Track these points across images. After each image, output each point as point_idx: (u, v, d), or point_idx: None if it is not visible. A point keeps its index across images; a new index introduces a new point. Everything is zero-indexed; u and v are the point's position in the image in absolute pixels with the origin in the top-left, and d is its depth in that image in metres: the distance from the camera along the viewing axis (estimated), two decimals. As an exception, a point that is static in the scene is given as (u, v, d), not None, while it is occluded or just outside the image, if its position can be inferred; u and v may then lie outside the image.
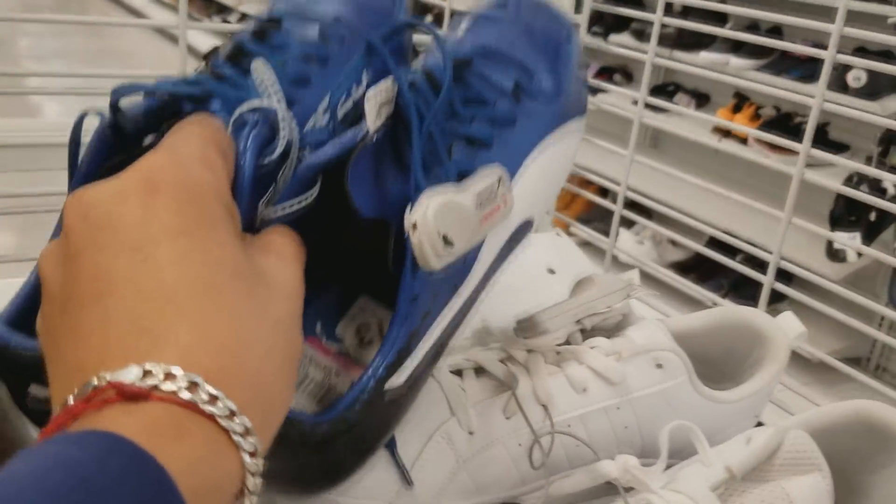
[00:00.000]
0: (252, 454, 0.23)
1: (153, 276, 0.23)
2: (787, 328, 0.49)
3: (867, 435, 0.40)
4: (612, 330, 0.46)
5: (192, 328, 0.23)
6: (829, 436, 0.40)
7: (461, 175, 0.35)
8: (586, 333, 0.46)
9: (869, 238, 1.65)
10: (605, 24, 2.02)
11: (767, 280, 0.71)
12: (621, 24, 2.03)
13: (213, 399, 0.22)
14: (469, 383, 0.43)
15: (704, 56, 1.91)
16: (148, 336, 0.23)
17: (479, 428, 0.41)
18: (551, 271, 0.59)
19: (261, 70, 0.32)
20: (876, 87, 1.66)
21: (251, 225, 0.30)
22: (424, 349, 0.34)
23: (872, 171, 1.29)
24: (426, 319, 0.33)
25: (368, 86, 0.33)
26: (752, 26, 1.85)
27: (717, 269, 1.95)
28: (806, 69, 1.77)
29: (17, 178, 0.62)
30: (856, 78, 1.67)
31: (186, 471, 0.21)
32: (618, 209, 0.85)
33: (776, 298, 0.93)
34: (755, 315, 0.50)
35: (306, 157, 0.31)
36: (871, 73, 1.66)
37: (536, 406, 0.42)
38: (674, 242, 2.06)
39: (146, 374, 0.22)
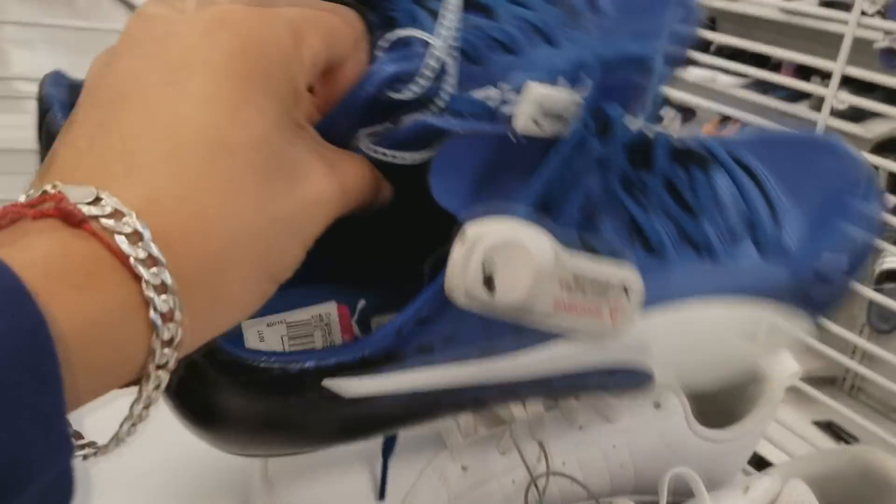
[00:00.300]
0: (165, 317, 0.19)
1: (171, 104, 0.21)
2: (783, 367, 0.49)
3: (865, 481, 0.40)
4: (609, 365, 0.46)
5: (174, 179, 0.20)
6: (826, 482, 0.40)
7: (588, 249, 0.26)
8: (583, 368, 0.45)
9: (848, 259, 1.66)
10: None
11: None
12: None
13: (150, 258, 0.19)
14: (463, 416, 0.43)
15: (692, 72, 1.91)
16: (129, 166, 0.20)
17: (473, 463, 0.41)
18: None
19: (452, 6, 0.26)
20: (860, 110, 1.68)
21: (337, 142, 0.25)
22: (413, 380, 0.26)
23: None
24: (428, 354, 0.26)
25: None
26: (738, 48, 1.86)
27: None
28: (791, 89, 1.78)
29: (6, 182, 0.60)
30: (840, 101, 1.68)
31: (80, 323, 0.17)
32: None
33: None
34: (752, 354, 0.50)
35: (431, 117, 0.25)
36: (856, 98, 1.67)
37: (532, 442, 0.41)
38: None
39: (97, 201, 0.19)
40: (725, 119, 1.92)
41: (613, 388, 0.30)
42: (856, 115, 1.69)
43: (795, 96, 1.77)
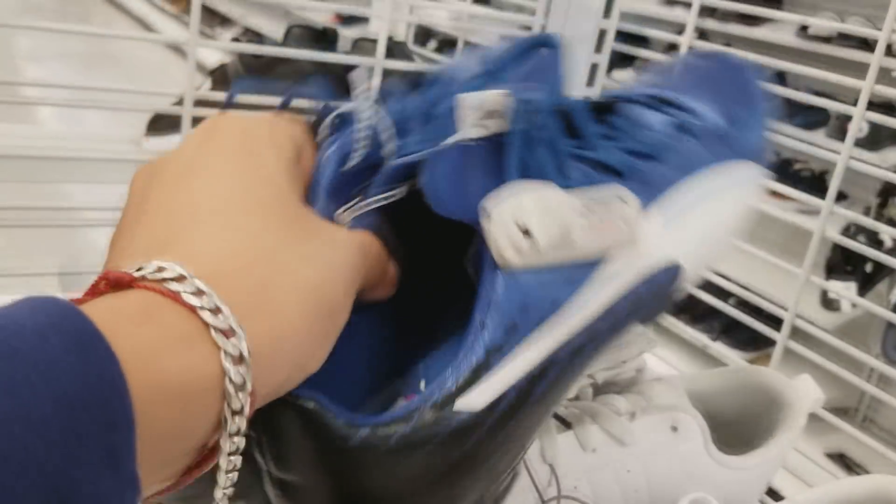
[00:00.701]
0: (236, 361, 0.20)
1: (193, 191, 0.24)
2: (805, 393, 0.47)
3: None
4: (626, 385, 0.44)
5: (211, 239, 0.22)
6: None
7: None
8: (598, 388, 0.44)
9: (864, 288, 1.64)
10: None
11: (781, 338, 0.69)
12: (625, 58, 2.04)
13: (200, 293, 0.20)
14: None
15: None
16: (170, 244, 0.22)
17: (483, 486, 0.39)
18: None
19: (360, 79, 0.31)
20: (877, 138, 1.67)
21: None
22: (515, 371, 0.27)
23: (869, 222, 1.28)
24: (513, 334, 0.27)
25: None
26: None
27: (709, 312, 1.94)
28: (808, 116, 1.77)
29: (10, 190, 0.60)
30: (858, 128, 1.67)
31: (145, 355, 0.18)
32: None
33: (766, 343, 0.91)
34: (773, 378, 0.48)
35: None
36: (874, 124, 1.66)
37: (543, 465, 0.40)
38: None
39: (140, 269, 0.20)
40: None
41: (658, 296, 0.32)
42: (873, 143, 1.68)
43: (813, 124, 1.76)
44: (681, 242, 0.33)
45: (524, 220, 0.27)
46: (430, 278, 0.33)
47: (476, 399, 0.27)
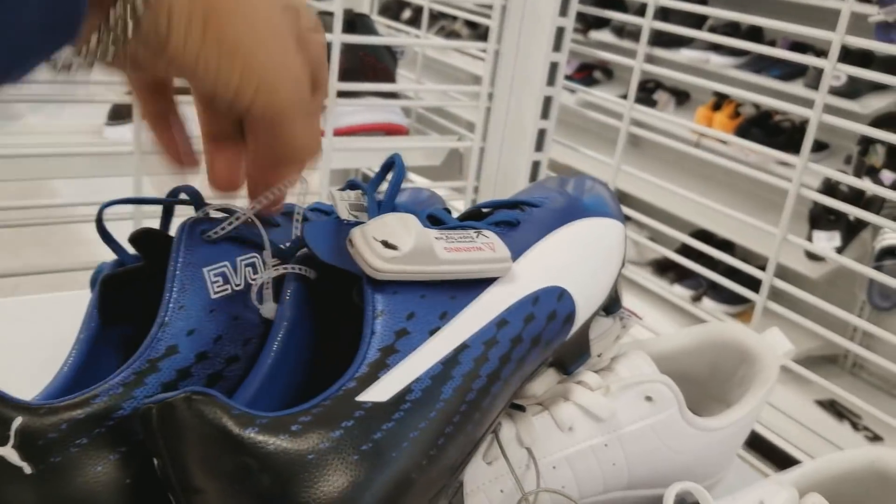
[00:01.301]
0: None
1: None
2: (775, 345, 0.48)
3: (880, 484, 0.38)
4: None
5: None
6: (840, 485, 0.39)
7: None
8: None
9: (848, 237, 1.65)
10: (585, 20, 2.01)
11: (760, 299, 0.69)
12: (602, 20, 2.02)
13: None
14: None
15: (685, 54, 1.89)
16: None
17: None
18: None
19: None
20: (856, 87, 1.66)
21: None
22: (413, 370, 0.31)
23: (843, 177, 1.28)
24: (405, 338, 0.31)
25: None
26: (732, 24, 1.84)
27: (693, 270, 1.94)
28: (785, 67, 1.76)
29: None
30: (835, 77, 1.66)
31: None
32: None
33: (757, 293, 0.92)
34: (742, 332, 0.48)
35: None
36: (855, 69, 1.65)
37: (520, 449, 0.40)
38: (653, 240, 2.05)
39: None
40: (720, 100, 1.90)
41: (553, 321, 0.36)
42: (852, 91, 1.67)
43: (790, 75, 1.75)
44: (551, 267, 0.37)
45: (383, 234, 0.32)
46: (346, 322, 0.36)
47: (378, 392, 0.29)
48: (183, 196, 0.39)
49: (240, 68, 0.29)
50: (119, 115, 0.84)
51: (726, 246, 1.99)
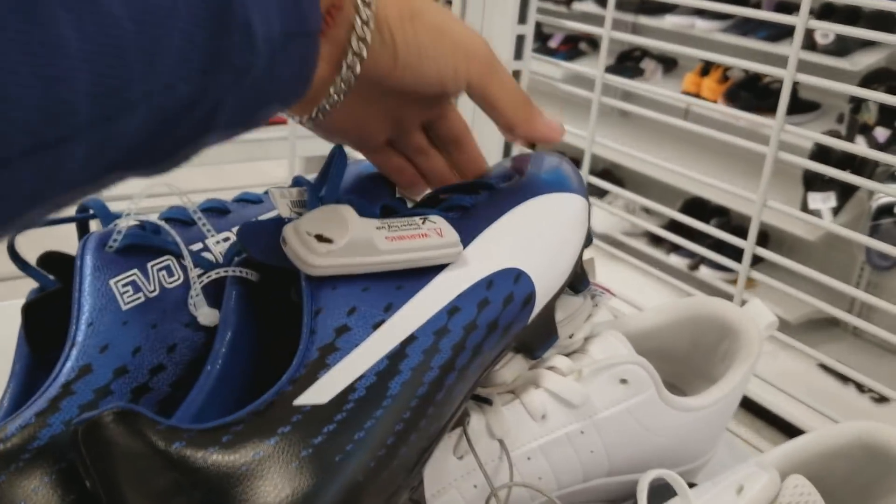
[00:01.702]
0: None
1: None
2: (757, 318, 0.45)
3: (869, 459, 0.37)
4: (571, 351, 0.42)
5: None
6: (828, 462, 0.37)
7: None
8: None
9: (844, 198, 1.62)
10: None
11: (743, 268, 0.67)
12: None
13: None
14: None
15: (669, 20, 1.86)
16: None
17: (429, 472, 0.37)
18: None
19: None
20: (845, 44, 1.63)
21: None
22: (356, 368, 0.29)
23: (841, 145, 1.25)
24: (346, 335, 0.29)
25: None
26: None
27: (690, 238, 1.92)
28: (772, 29, 1.73)
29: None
30: (824, 35, 1.63)
31: None
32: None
33: (754, 261, 0.91)
34: (723, 306, 0.46)
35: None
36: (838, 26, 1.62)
37: (492, 441, 0.38)
38: (647, 211, 2.02)
39: None
40: (708, 65, 1.87)
41: (509, 305, 0.34)
42: (840, 49, 1.64)
43: (778, 36, 1.72)
44: (505, 248, 0.35)
45: (317, 227, 0.30)
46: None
47: (317, 393, 0.28)
48: (91, 212, 0.37)
49: (450, 45, 0.33)
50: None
51: (720, 212, 1.96)
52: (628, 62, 1.96)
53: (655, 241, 1.99)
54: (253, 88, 0.25)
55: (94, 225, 0.38)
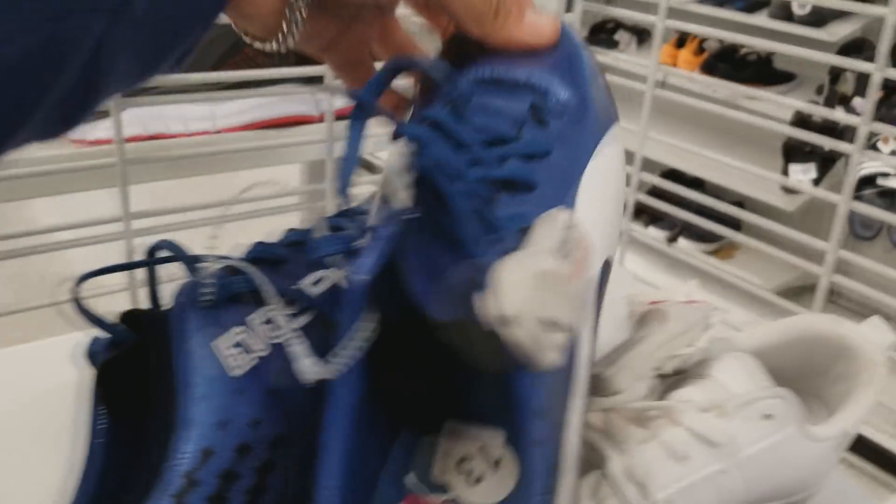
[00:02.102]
0: None
1: None
2: (876, 338, 0.43)
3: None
4: (694, 369, 0.39)
5: None
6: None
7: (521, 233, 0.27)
8: (665, 378, 0.38)
9: (824, 169, 1.63)
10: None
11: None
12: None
13: None
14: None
15: (644, -10, 1.83)
16: None
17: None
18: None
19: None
20: (821, 14, 1.62)
21: None
22: (570, 465, 0.26)
23: (816, 110, 1.25)
24: (555, 431, 0.26)
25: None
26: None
27: (666, 212, 1.91)
28: (749, -2, 1.71)
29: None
30: (801, 6, 1.62)
31: None
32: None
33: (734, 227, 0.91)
34: (836, 325, 0.44)
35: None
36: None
37: (630, 485, 0.35)
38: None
39: None
40: (683, 36, 1.85)
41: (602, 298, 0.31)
42: (817, 20, 1.63)
43: (754, 6, 1.71)
44: (601, 231, 0.31)
45: (545, 311, 0.24)
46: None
47: None
48: (165, 253, 0.32)
49: None
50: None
51: (696, 184, 1.96)
52: (602, 34, 1.93)
53: (634, 214, 1.98)
54: (145, 22, 0.22)
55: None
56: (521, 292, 0.24)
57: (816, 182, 1.62)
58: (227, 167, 0.73)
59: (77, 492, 0.29)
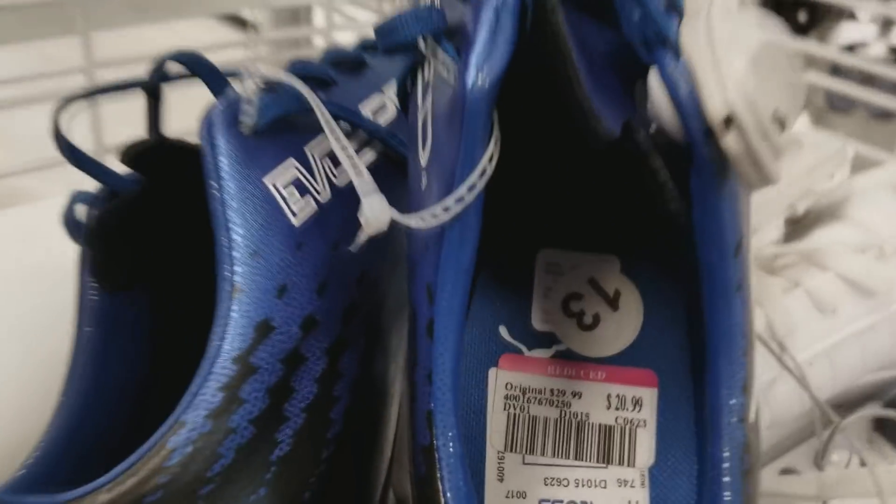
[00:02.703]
0: None
1: None
2: None
3: None
4: (826, 212, 0.32)
5: None
6: None
7: None
8: (799, 223, 0.31)
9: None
10: None
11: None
12: None
13: None
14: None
15: None
16: None
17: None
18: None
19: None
20: None
21: None
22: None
23: None
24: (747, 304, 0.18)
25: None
26: None
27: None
28: None
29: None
30: None
31: None
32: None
33: None
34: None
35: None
36: None
37: (772, 342, 0.28)
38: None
39: None
40: None
41: None
42: None
43: None
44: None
45: (776, 101, 0.15)
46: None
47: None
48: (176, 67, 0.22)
49: None
50: None
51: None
52: None
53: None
54: None
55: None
56: (749, 78, 0.15)
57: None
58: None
59: (67, 391, 0.21)
